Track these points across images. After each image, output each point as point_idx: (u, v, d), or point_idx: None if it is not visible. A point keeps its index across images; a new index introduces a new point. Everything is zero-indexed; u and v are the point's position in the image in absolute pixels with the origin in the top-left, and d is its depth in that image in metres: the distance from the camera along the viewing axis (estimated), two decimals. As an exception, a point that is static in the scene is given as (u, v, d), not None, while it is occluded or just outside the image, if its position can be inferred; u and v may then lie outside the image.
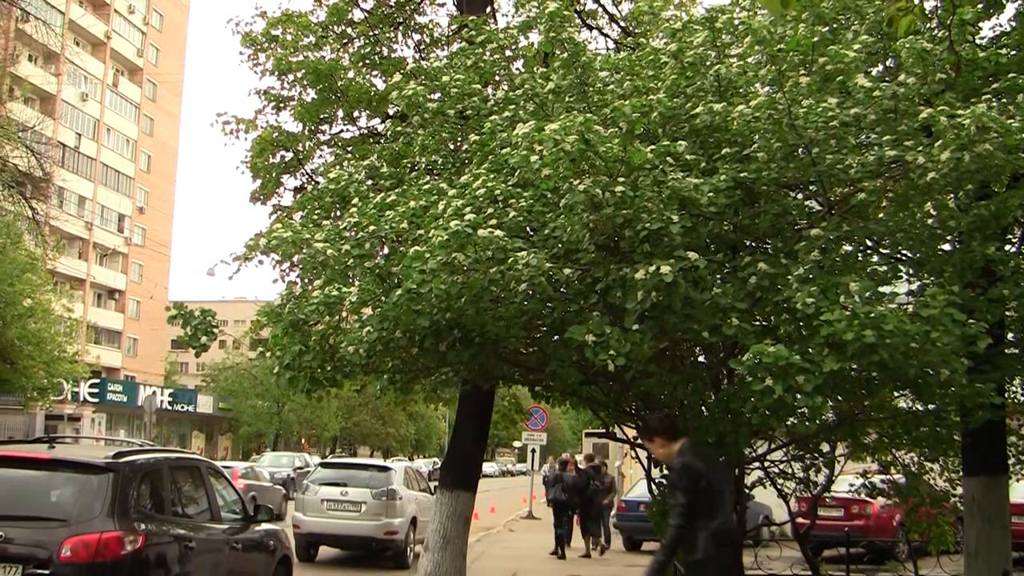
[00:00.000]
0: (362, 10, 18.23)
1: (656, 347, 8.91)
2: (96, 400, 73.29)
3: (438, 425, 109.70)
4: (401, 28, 18.47)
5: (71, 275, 75.23)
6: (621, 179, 8.29)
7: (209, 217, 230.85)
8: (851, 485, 14.74)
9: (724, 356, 10.09)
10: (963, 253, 9.25)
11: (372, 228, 9.56)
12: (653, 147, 8.51)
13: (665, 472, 11.87)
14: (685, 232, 8.34)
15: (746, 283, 8.51)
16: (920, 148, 8.30)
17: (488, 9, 16.97)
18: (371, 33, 17.72)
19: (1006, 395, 10.28)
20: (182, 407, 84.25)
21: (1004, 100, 8.94)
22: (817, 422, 9.63)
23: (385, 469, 24.51)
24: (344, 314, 9.98)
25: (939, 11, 9.59)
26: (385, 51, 17.68)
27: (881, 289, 8.66)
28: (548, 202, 8.91)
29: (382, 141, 15.39)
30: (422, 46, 18.68)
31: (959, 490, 13.38)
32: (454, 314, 8.85)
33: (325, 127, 18.04)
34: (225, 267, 11.22)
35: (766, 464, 12.46)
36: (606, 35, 18.76)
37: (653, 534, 17.25)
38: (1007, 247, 10.25)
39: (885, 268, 9.75)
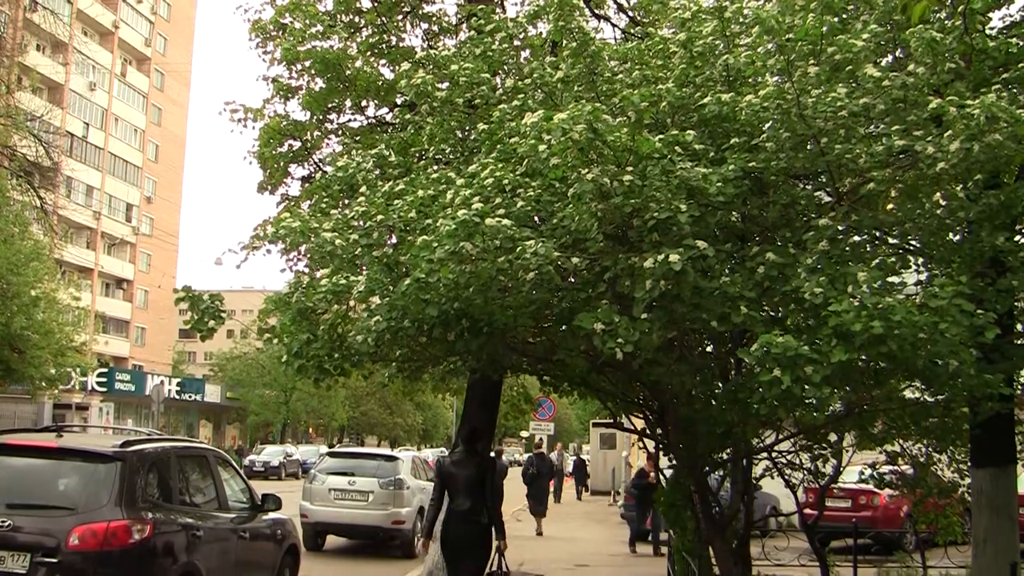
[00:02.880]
0: (370, -1, 18.21)
1: (664, 336, 8.88)
2: (104, 389, 73.43)
3: (445, 415, 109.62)
4: (409, 17, 18.45)
5: (79, 264, 75.30)
6: (630, 168, 8.27)
7: (217, 207, 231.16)
8: (861, 473, 14.73)
9: (732, 346, 10.09)
10: (972, 243, 9.23)
11: (380, 217, 9.56)
12: (662, 137, 8.49)
13: (673, 463, 11.96)
14: (694, 221, 8.33)
15: (754, 273, 8.50)
16: (929, 138, 8.27)
17: (496, -2, 16.95)
18: (379, 22, 17.69)
19: (1015, 386, 10.26)
20: (190, 396, 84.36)
21: (1014, 90, 8.91)
22: (825, 413, 9.63)
23: (392, 459, 24.59)
24: (352, 303, 9.98)
25: (948, 1, 9.55)
26: (393, 40, 17.66)
27: (889, 279, 8.63)
28: (556, 191, 8.91)
29: (390, 130, 15.42)
30: (430, 35, 18.66)
31: (967, 481, 13.36)
32: (462, 303, 8.85)
33: (333, 116, 18.05)
34: (233, 256, 11.22)
35: (774, 454, 12.45)
36: (615, 24, 18.75)
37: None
38: (1016, 237, 10.22)
39: (894, 258, 9.73)
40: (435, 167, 10.97)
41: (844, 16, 9.70)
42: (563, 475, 46.82)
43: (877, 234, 10.03)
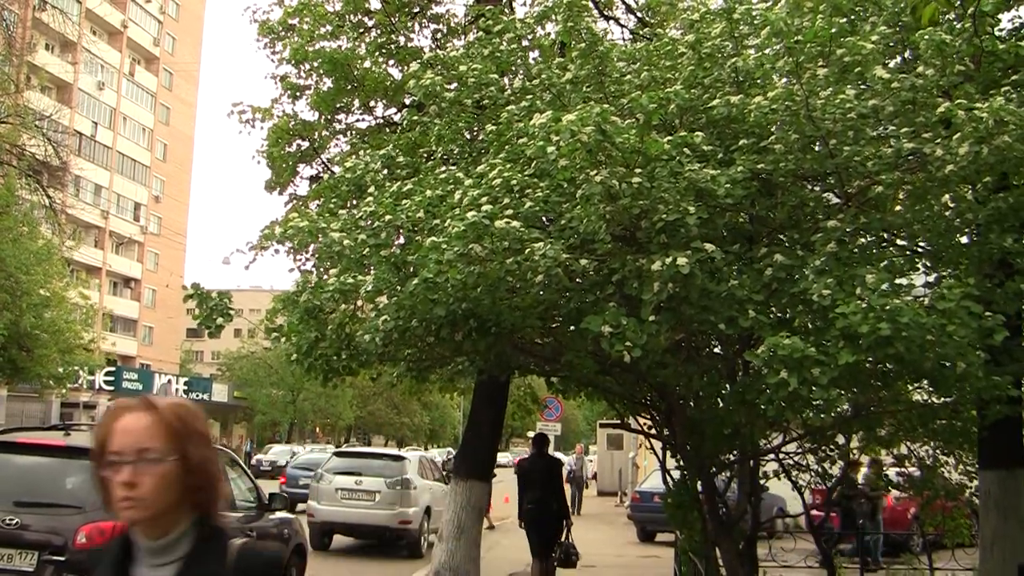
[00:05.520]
0: (379, -1, 18.23)
1: (672, 338, 8.89)
2: (111, 388, 73.36)
3: (452, 415, 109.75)
4: (418, 17, 18.46)
5: (87, 263, 75.44)
6: (638, 170, 8.26)
7: (225, 206, 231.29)
8: (866, 475, 14.70)
9: (740, 348, 10.07)
10: (980, 245, 9.20)
11: (388, 217, 9.56)
12: (670, 138, 8.49)
13: (680, 464, 11.97)
14: (702, 223, 8.32)
15: (762, 275, 8.49)
16: (938, 140, 8.26)
17: (505, -2, 16.95)
18: (388, 22, 17.70)
19: (1023, 388, 10.24)
20: (197, 395, 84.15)
21: (1023, 92, 8.90)
22: (832, 414, 9.61)
23: (399, 458, 24.59)
24: (360, 303, 9.99)
25: (957, 3, 9.53)
26: (402, 40, 17.68)
27: (898, 281, 8.62)
28: (565, 192, 8.90)
29: (398, 130, 15.40)
30: (439, 35, 18.68)
31: (974, 483, 13.35)
32: (470, 304, 8.85)
33: (341, 116, 18.08)
34: (241, 256, 11.25)
35: (781, 456, 12.44)
36: (623, 25, 18.75)
37: (667, 525, 17.28)
38: (1025, 239, 10.20)
39: (902, 260, 9.72)
40: (443, 168, 10.96)
41: (853, 18, 9.70)
42: (583, 483, 41.48)
43: (885, 236, 10.01)
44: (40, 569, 9.39)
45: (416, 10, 18.37)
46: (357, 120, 18.28)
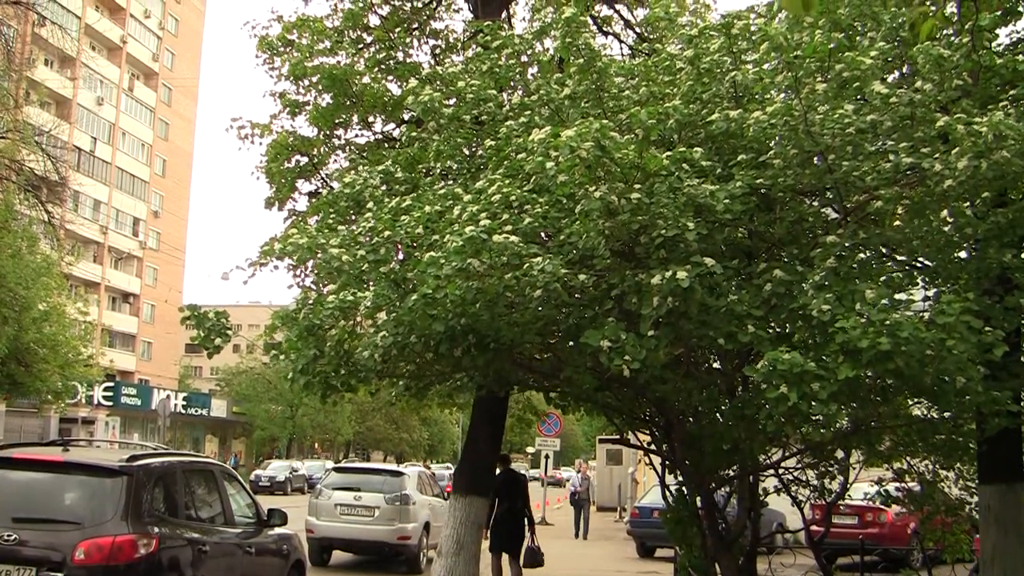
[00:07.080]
0: (378, 15, 18.23)
1: (671, 353, 8.88)
2: (110, 403, 73.35)
3: (451, 430, 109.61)
4: (416, 33, 18.48)
5: (86, 279, 75.37)
6: (637, 185, 8.27)
7: (224, 221, 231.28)
8: (866, 493, 14.68)
9: (739, 363, 10.06)
10: (979, 260, 9.21)
11: (387, 233, 9.56)
12: (669, 153, 8.50)
13: (679, 479, 11.95)
14: (701, 239, 8.33)
15: (761, 290, 8.49)
16: (937, 155, 8.27)
17: (504, 15, 16.98)
18: (387, 38, 17.72)
19: (1022, 402, 10.23)
20: (196, 411, 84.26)
21: (1021, 107, 8.91)
22: (832, 429, 9.60)
23: (398, 474, 24.54)
24: (359, 319, 9.98)
25: (955, 19, 9.55)
26: (400, 56, 17.69)
27: (897, 296, 8.62)
28: (564, 208, 8.91)
29: (397, 146, 15.40)
30: (437, 51, 18.70)
31: (974, 498, 13.32)
32: (469, 319, 8.84)
33: (340, 132, 18.05)
34: (240, 272, 11.23)
35: (780, 471, 12.42)
36: (622, 41, 18.78)
37: (667, 540, 17.26)
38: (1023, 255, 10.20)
39: (901, 275, 9.72)
40: (442, 183, 10.96)
41: (851, 33, 9.72)
42: (588, 504, 37.37)
43: (884, 251, 10.01)
44: (38, 585, 9.36)
45: (415, 26, 18.39)
46: (356, 136, 18.27)
